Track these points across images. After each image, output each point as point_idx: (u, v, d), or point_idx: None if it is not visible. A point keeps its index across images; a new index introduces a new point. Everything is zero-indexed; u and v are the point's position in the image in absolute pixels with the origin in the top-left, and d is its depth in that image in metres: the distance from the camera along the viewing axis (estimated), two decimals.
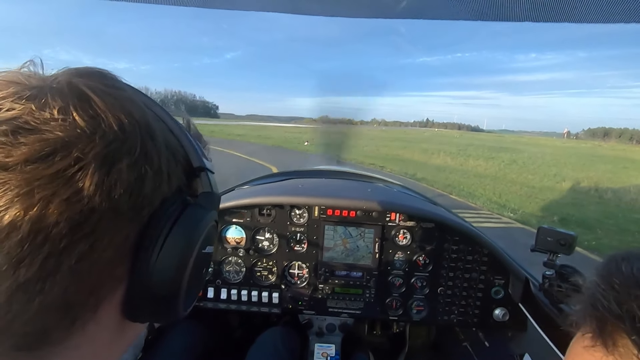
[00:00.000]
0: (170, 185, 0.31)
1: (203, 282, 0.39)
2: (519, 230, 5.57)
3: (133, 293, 0.29)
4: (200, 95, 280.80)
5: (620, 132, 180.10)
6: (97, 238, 0.25)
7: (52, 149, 0.23)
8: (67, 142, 0.24)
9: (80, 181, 0.24)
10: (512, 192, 8.68)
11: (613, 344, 0.28)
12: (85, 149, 0.24)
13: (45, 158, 0.23)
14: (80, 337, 0.26)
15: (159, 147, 0.30)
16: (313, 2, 0.83)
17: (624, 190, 9.74)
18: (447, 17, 0.82)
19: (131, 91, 0.32)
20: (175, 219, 0.30)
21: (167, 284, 0.30)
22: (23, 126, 0.23)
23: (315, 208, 1.25)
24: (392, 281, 1.26)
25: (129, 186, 0.26)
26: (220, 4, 0.88)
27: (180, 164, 0.33)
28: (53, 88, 0.26)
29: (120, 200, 0.26)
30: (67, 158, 0.23)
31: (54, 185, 0.23)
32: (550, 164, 16.43)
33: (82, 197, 0.24)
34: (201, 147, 0.38)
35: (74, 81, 0.28)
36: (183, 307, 0.33)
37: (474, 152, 20.51)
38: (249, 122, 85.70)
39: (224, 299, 1.27)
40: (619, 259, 0.32)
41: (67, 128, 0.24)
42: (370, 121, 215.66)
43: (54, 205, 0.22)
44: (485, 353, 1.31)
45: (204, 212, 0.33)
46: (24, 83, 0.26)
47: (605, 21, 0.70)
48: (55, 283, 0.23)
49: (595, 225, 6.07)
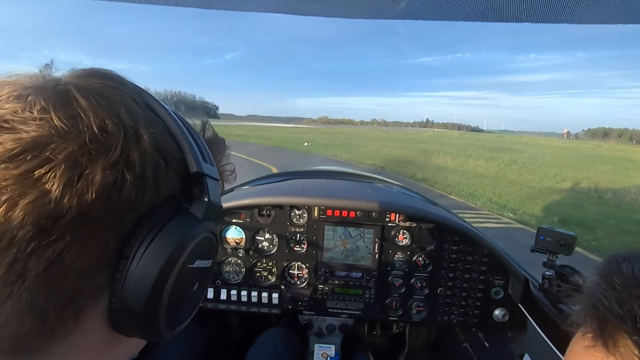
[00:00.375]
0: (158, 192, 0.29)
1: (198, 299, 0.35)
2: (518, 231, 5.56)
3: (114, 305, 0.27)
4: (200, 96, 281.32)
5: (620, 133, 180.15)
6: (67, 244, 0.23)
7: (23, 148, 0.22)
8: (39, 142, 0.23)
9: (49, 183, 0.22)
10: (512, 192, 8.68)
11: (614, 344, 0.28)
12: (57, 150, 0.23)
13: (15, 157, 0.22)
14: (64, 346, 0.26)
15: (145, 151, 0.27)
16: (313, 2, 0.83)
17: (624, 191, 9.74)
18: (446, 18, 0.83)
19: (130, 92, 0.30)
20: (159, 228, 0.28)
21: (144, 298, 0.27)
22: (2, 125, 0.23)
23: (315, 208, 1.25)
24: (392, 281, 1.26)
25: (104, 191, 0.24)
26: (220, 5, 0.88)
27: (174, 169, 0.30)
28: (41, 88, 0.26)
29: (94, 205, 0.24)
30: (36, 158, 0.22)
31: (22, 185, 0.22)
32: (550, 165, 16.44)
33: (50, 200, 0.22)
34: (207, 152, 0.35)
35: (69, 81, 0.27)
36: (167, 325, 0.30)
37: (474, 153, 20.51)
38: (249, 123, 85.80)
39: (224, 300, 1.27)
40: (619, 259, 0.32)
41: (42, 127, 0.23)
42: (370, 121, 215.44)
43: (20, 207, 0.22)
44: (485, 353, 1.30)
45: (193, 223, 0.30)
46: (21, 84, 0.26)
47: (605, 22, 0.71)
48: (24, 289, 0.22)
49: (595, 226, 6.07)
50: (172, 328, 0.31)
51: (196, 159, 0.32)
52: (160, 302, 0.28)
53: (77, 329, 0.26)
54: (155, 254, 0.27)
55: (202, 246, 0.32)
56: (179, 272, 0.29)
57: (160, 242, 0.28)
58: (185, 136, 0.32)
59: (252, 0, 0.92)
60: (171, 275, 0.28)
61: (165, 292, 0.28)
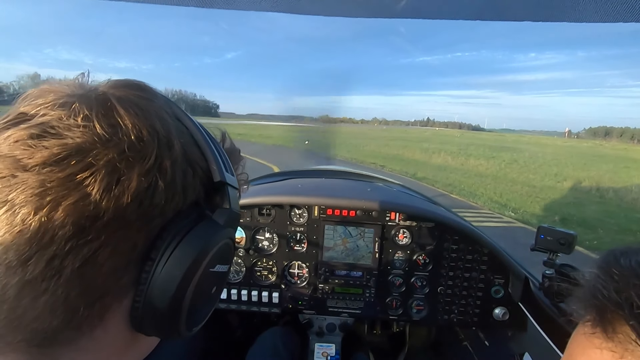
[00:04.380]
0: (185, 198, 0.30)
1: (214, 302, 0.37)
2: (519, 230, 5.56)
3: (137, 305, 0.29)
4: (201, 95, 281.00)
5: (621, 132, 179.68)
6: (102, 244, 0.25)
7: (68, 153, 0.24)
8: (83, 147, 0.25)
9: (90, 186, 0.24)
10: (513, 191, 8.67)
11: (612, 330, 0.29)
12: (98, 156, 0.25)
13: (61, 161, 0.24)
14: (88, 341, 0.27)
15: (176, 159, 0.29)
16: (313, 2, 0.83)
17: (626, 190, 9.71)
18: (446, 17, 0.82)
19: (162, 103, 0.32)
20: (185, 233, 0.30)
21: (168, 298, 0.29)
22: (49, 131, 0.25)
23: (315, 208, 1.25)
24: (392, 281, 1.27)
25: (138, 195, 0.26)
26: (220, 4, 0.88)
27: (199, 177, 0.32)
28: (84, 97, 0.28)
29: (128, 208, 0.26)
30: (80, 163, 0.24)
31: (65, 188, 0.24)
32: (551, 164, 16.40)
33: (90, 202, 0.24)
34: (228, 162, 0.37)
35: (107, 91, 0.29)
36: (186, 325, 0.32)
37: (474, 152, 20.47)
38: (250, 122, 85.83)
39: (224, 299, 1.27)
40: (617, 253, 0.33)
41: (85, 134, 0.25)
42: (371, 120, 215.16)
43: (62, 207, 0.23)
44: (485, 352, 1.31)
45: (216, 229, 0.32)
46: (63, 92, 0.28)
47: (605, 20, 0.70)
48: (60, 284, 0.24)
49: (597, 225, 6.05)
50: (190, 328, 0.33)
51: (219, 169, 0.33)
52: (182, 302, 0.30)
53: (101, 325, 0.27)
54: (181, 256, 0.29)
55: (222, 251, 0.33)
56: (201, 275, 0.31)
57: (185, 245, 0.29)
58: (210, 147, 0.34)
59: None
60: (194, 278, 0.30)
61: (188, 293, 0.30)
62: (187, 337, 0.33)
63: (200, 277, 0.31)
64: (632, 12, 0.62)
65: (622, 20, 0.66)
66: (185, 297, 0.30)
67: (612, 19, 0.67)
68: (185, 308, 0.30)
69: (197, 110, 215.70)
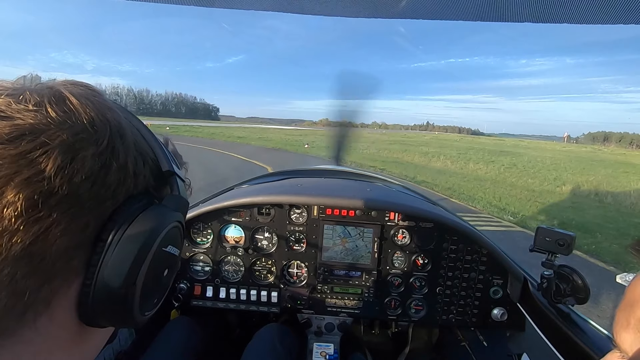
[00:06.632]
0: (136, 184, 0.32)
1: (166, 286, 0.37)
2: (518, 234, 5.55)
3: (87, 289, 0.28)
4: (201, 98, 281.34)
5: (620, 137, 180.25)
6: (54, 221, 0.25)
7: (20, 132, 0.24)
8: (36, 128, 0.25)
9: (43, 163, 0.24)
10: (512, 195, 8.67)
11: None
12: (52, 136, 0.25)
13: (13, 140, 0.24)
14: (32, 331, 0.26)
15: (127, 146, 0.31)
16: (313, 1, 0.84)
17: (624, 195, 9.72)
18: (446, 18, 0.83)
19: (109, 101, 0.33)
20: (136, 215, 0.31)
21: (122, 278, 0.29)
22: None
23: (314, 207, 1.25)
24: (391, 281, 1.27)
25: (92, 175, 0.27)
26: (220, 3, 0.88)
27: (149, 166, 0.34)
28: (33, 88, 0.29)
29: (82, 187, 0.26)
30: (33, 142, 0.25)
31: (17, 165, 0.24)
32: (550, 168, 16.42)
33: (43, 178, 0.24)
34: (174, 158, 0.39)
35: (56, 86, 0.30)
36: (140, 310, 0.32)
37: (474, 156, 20.49)
38: (250, 125, 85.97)
39: (223, 298, 1.27)
40: None
41: (38, 117, 0.26)
42: (370, 124, 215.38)
43: (13, 183, 0.23)
44: (484, 353, 1.30)
45: (166, 211, 0.34)
46: (10, 85, 0.29)
47: (604, 22, 0.71)
48: (7, 263, 0.23)
49: (595, 230, 6.04)
50: (143, 312, 0.33)
51: (167, 160, 0.36)
52: (135, 283, 0.30)
53: (46, 313, 0.27)
54: (133, 236, 0.30)
55: (173, 234, 0.34)
56: (154, 255, 0.31)
57: (137, 225, 0.30)
58: (157, 141, 0.37)
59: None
60: (147, 257, 0.31)
61: (140, 274, 0.30)
62: (141, 325, 0.33)
63: (153, 257, 0.31)
64: (633, 14, 0.63)
65: (623, 22, 0.66)
66: (138, 277, 0.30)
67: (612, 21, 0.67)
68: (138, 289, 0.30)
69: (198, 113, 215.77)
